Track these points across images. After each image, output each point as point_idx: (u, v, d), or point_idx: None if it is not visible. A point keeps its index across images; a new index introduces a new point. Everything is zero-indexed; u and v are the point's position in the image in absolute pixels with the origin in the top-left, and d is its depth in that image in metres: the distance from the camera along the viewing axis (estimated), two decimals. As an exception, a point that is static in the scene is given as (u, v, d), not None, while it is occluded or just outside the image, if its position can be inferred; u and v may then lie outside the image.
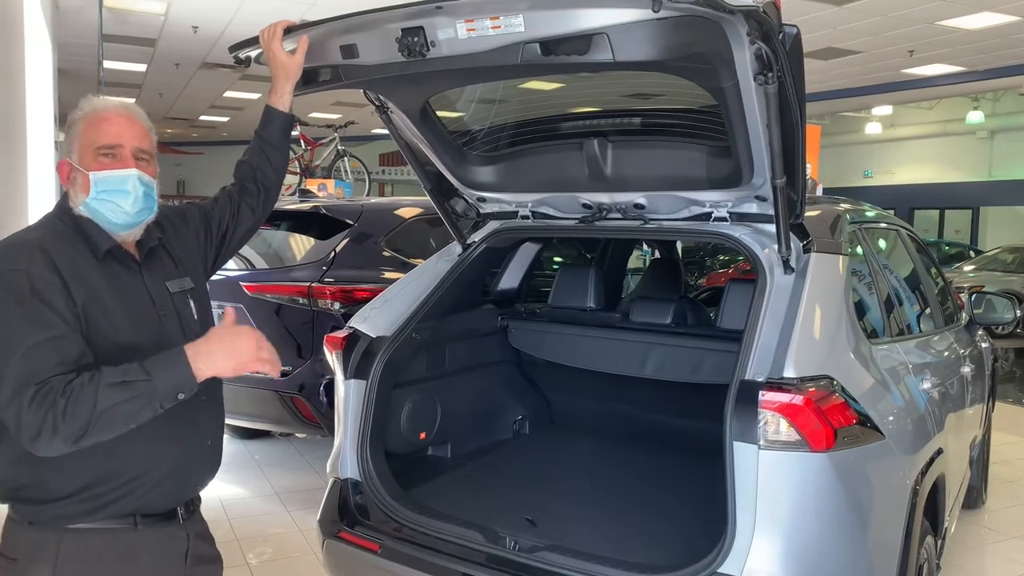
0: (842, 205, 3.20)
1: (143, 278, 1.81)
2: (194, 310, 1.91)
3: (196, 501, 1.89)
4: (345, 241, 4.84)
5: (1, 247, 1.68)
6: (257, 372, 1.67)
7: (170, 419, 1.66)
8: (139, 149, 1.77)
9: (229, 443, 5.51)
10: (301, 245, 5.16)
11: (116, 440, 1.58)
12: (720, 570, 2.14)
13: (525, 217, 3.18)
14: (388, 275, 4.60)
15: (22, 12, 4.84)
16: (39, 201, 5.97)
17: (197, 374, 1.59)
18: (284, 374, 4.51)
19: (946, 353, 3.55)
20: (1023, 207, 20.44)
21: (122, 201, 1.74)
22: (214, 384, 1.87)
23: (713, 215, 2.77)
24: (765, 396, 2.13)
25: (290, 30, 2.19)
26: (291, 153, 8.80)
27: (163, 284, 1.85)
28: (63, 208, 1.78)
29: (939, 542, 3.00)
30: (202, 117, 21.62)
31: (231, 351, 1.62)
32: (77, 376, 1.52)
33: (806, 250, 2.56)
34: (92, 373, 1.53)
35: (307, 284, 4.57)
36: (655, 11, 1.76)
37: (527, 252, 3.89)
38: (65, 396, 1.49)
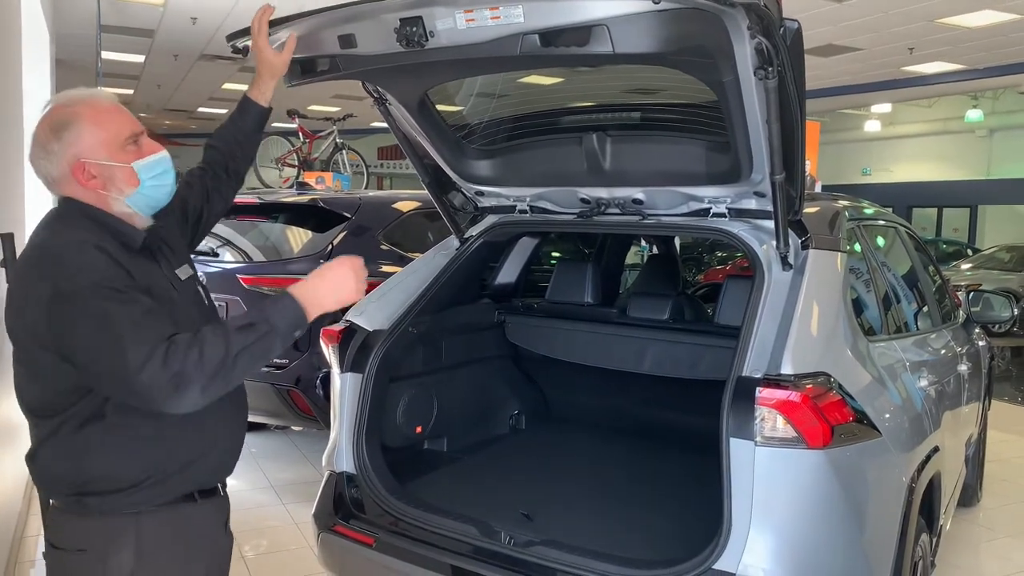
0: (841, 202, 3.19)
1: (161, 268, 1.83)
2: (204, 295, 1.95)
3: None
4: (343, 234, 4.83)
5: (58, 252, 1.63)
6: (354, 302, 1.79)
7: (218, 404, 1.72)
8: (145, 131, 1.80)
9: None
10: (298, 238, 5.14)
11: (177, 424, 1.65)
12: (716, 566, 2.14)
13: (523, 211, 3.17)
14: (385, 269, 4.58)
15: (19, 2, 4.82)
16: (36, 191, 5.95)
17: (308, 313, 1.68)
18: (280, 367, 4.50)
19: (943, 351, 3.55)
20: (1021, 206, 20.46)
21: (168, 180, 1.79)
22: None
23: (712, 211, 2.76)
24: (762, 392, 2.13)
25: (277, 22, 2.18)
26: (289, 145, 8.83)
27: (174, 272, 1.87)
28: (78, 211, 1.71)
29: (934, 540, 3.01)
30: (201, 109, 21.58)
31: (334, 287, 1.74)
32: (197, 330, 1.57)
33: (804, 246, 2.55)
34: (213, 326, 1.60)
35: (304, 277, 4.55)
36: (655, 3, 1.75)
37: (525, 246, 3.88)
38: (196, 346, 1.53)
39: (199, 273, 2.02)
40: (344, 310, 3.19)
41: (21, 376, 1.72)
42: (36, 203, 5.89)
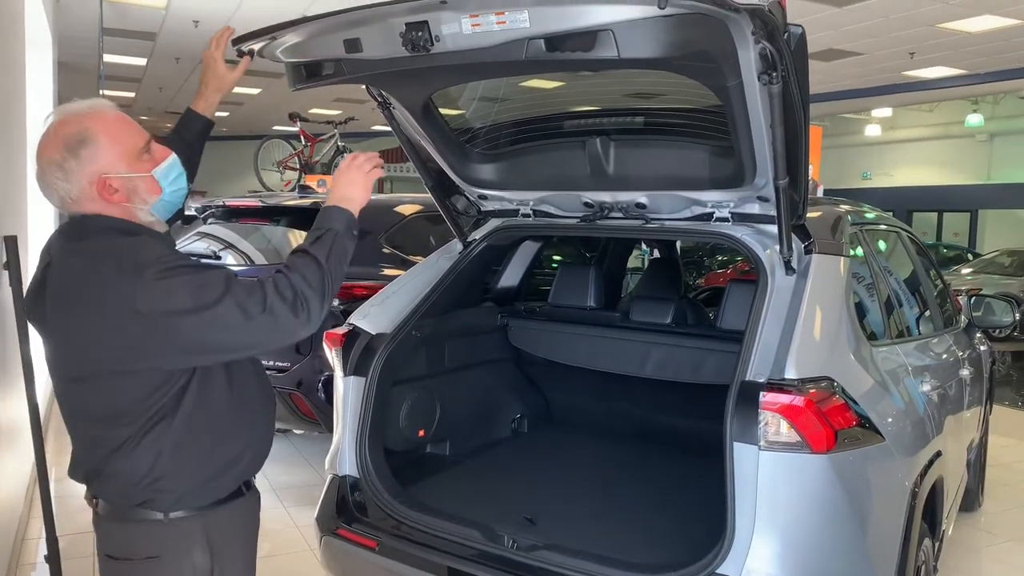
0: (843, 206, 3.19)
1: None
2: None
3: None
4: (345, 237, 4.82)
5: (117, 253, 1.62)
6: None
7: (256, 393, 1.87)
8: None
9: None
10: (300, 241, 5.14)
11: (228, 416, 1.76)
12: (719, 571, 2.14)
13: (526, 215, 3.17)
14: (388, 272, 4.59)
15: (23, 5, 4.83)
16: (38, 194, 5.96)
17: (351, 209, 1.84)
18: (282, 370, 4.50)
19: (945, 356, 3.55)
20: (1022, 210, 20.46)
21: (183, 183, 1.82)
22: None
23: (715, 215, 2.77)
24: (766, 397, 2.13)
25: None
26: (291, 148, 8.83)
27: None
28: (107, 226, 1.68)
29: (937, 544, 3.01)
30: (202, 112, 21.58)
31: (356, 188, 1.88)
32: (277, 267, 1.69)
33: (807, 251, 2.56)
34: (289, 255, 1.73)
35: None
36: (661, 8, 1.76)
37: (528, 250, 3.88)
38: (294, 272, 1.67)
39: None
40: (346, 314, 3.20)
41: (87, 394, 1.70)
42: (39, 206, 5.90)
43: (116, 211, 1.70)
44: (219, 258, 4.98)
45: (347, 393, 2.86)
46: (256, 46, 2.28)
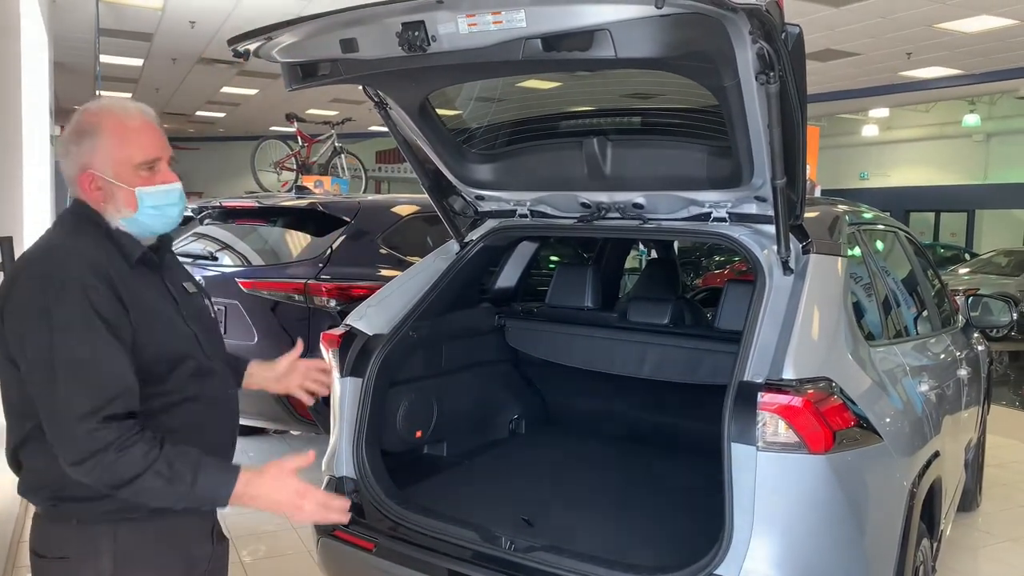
0: (840, 206, 3.19)
1: (164, 281, 1.82)
2: (211, 309, 1.96)
3: None
4: (342, 238, 4.82)
5: (50, 256, 1.65)
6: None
7: (209, 410, 1.79)
8: (170, 157, 1.78)
9: (223, 440, 5.47)
10: (297, 242, 5.13)
11: (162, 433, 1.66)
12: (717, 571, 2.14)
13: (523, 216, 3.16)
14: (385, 273, 4.58)
15: (18, 5, 4.81)
16: (34, 195, 5.95)
17: (234, 500, 1.66)
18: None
19: (943, 356, 3.55)
20: (1018, 210, 20.50)
21: (172, 212, 1.78)
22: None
23: (712, 215, 2.76)
24: (764, 397, 2.13)
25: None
26: (288, 149, 8.83)
27: (180, 285, 1.87)
28: (86, 216, 1.72)
29: (935, 544, 3.00)
30: (199, 113, 21.59)
31: (272, 502, 1.70)
32: (139, 435, 1.58)
33: (805, 251, 2.55)
34: (151, 447, 1.58)
35: (303, 281, 4.54)
36: (658, 7, 1.75)
37: (525, 251, 3.88)
38: (119, 453, 1.55)
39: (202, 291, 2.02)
40: (343, 315, 3.19)
41: (3, 374, 1.71)
42: (35, 202, 5.88)
43: (95, 205, 1.73)
44: (216, 259, 4.97)
45: (344, 394, 2.86)
46: (252, 46, 2.27)
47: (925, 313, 3.73)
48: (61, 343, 1.57)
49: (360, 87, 2.65)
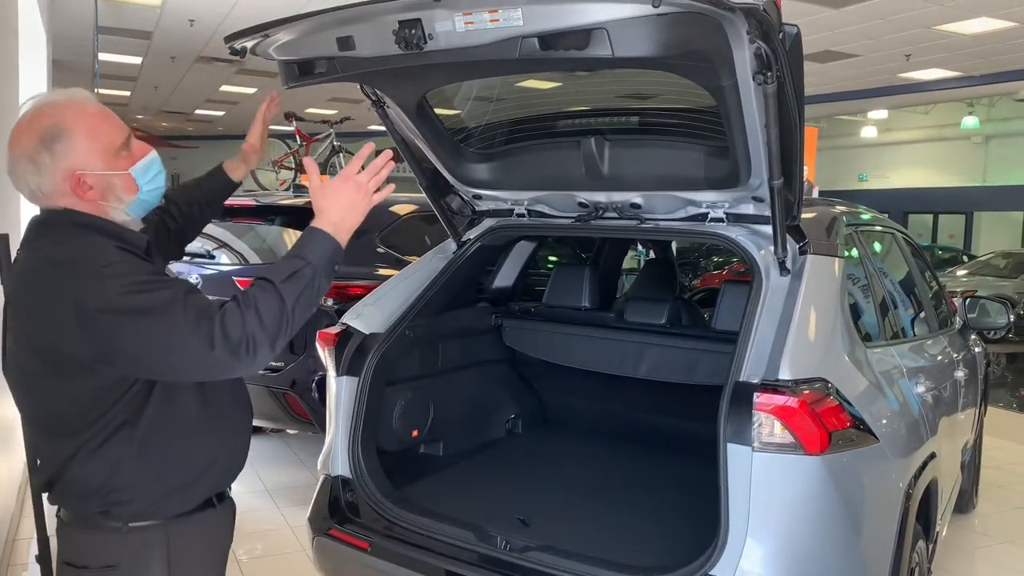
0: (838, 208, 3.19)
1: (160, 268, 1.84)
2: None
3: None
4: (339, 237, 4.81)
5: (71, 260, 1.55)
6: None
7: (230, 405, 1.80)
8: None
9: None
10: (295, 240, 5.12)
11: (196, 428, 1.69)
12: (712, 572, 2.13)
13: (521, 215, 3.16)
14: (382, 272, 4.57)
15: (17, 3, 4.80)
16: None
17: (341, 241, 1.66)
18: (275, 370, 4.49)
19: (940, 357, 3.55)
20: (1017, 212, 20.52)
21: (161, 181, 1.75)
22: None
23: (709, 215, 2.76)
24: (760, 398, 2.12)
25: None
26: (286, 148, 8.81)
27: (164, 273, 1.85)
28: (77, 222, 1.62)
29: (931, 546, 3.00)
30: (198, 111, 21.56)
31: (351, 205, 1.68)
32: (241, 292, 1.55)
33: (802, 252, 2.55)
34: (258, 283, 1.56)
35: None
36: (655, 6, 1.74)
37: (522, 250, 3.87)
38: (251, 307, 1.51)
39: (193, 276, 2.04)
40: (340, 314, 3.18)
41: (33, 396, 1.67)
42: (31, 205, 5.85)
43: (88, 207, 1.63)
44: (213, 257, 4.96)
45: (340, 393, 2.85)
46: (248, 44, 2.27)
47: (922, 314, 3.73)
48: (156, 303, 1.50)
49: (358, 85, 2.64)
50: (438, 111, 2.83)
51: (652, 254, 5.58)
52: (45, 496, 1.76)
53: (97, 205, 1.64)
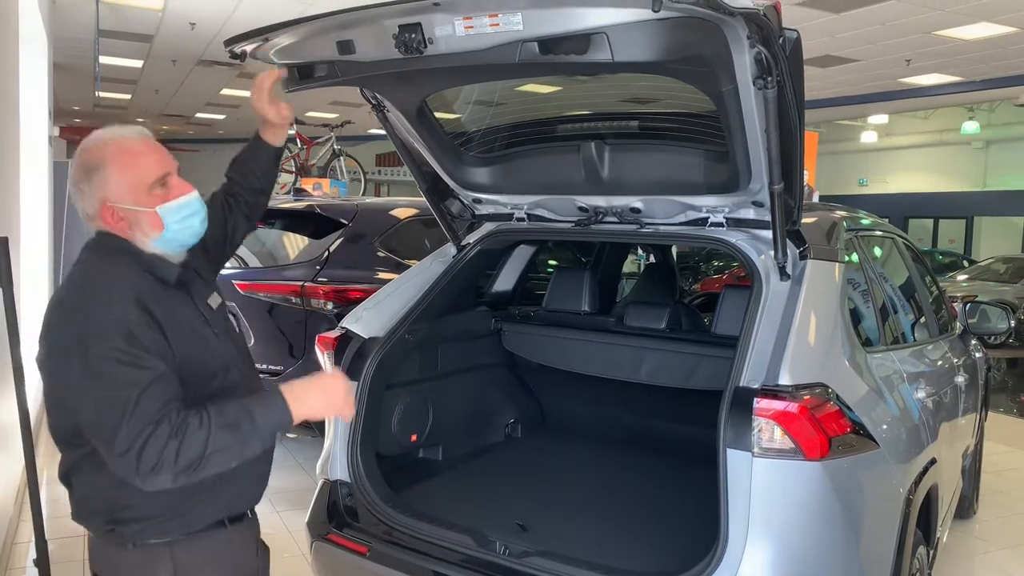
0: (838, 212, 3.19)
1: (194, 300, 1.83)
2: (234, 323, 1.92)
3: None
4: (339, 241, 4.82)
5: (91, 293, 1.65)
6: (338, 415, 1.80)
7: None
8: (177, 167, 1.79)
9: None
10: (295, 244, 5.13)
11: None
12: (712, 578, 2.13)
13: (520, 219, 3.16)
14: (382, 275, 4.58)
15: (17, 6, 4.81)
16: (31, 196, 5.93)
17: (294, 416, 1.66)
18: (275, 374, 4.49)
19: (940, 363, 3.54)
20: (1017, 218, 20.51)
21: (194, 222, 1.78)
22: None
23: (709, 220, 2.76)
24: (760, 403, 2.12)
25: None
26: (287, 152, 8.82)
27: (206, 303, 1.87)
28: (114, 245, 1.73)
29: (931, 552, 2.99)
30: (198, 114, 21.57)
31: (325, 397, 1.73)
32: (185, 415, 1.56)
33: (802, 257, 2.55)
34: (201, 415, 1.57)
35: (300, 283, 4.54)
36: (655, 11, 1.74)
37: (522, 254, 3.87)
38: (178, 437, 1.53)
39: (225, 301, 2.02)
40: (339, 318, 3.18)
41: (49, 404, 1.73)
42: (32, 207, 5.87)
43: (125, 234, 1.74)
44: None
45: (339, 397, 2.84)
46: (248, 47, 2.27)
47: (923, 320, 3.73)
48: (108, 377, 1.56)
49: (358, 90, 2.64)
50: (438, 115, 2.83)
51: (652, 258, 5.58)
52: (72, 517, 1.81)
53: (128, 234, 1.74)
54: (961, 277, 14.15)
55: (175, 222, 1.74)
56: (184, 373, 1.67)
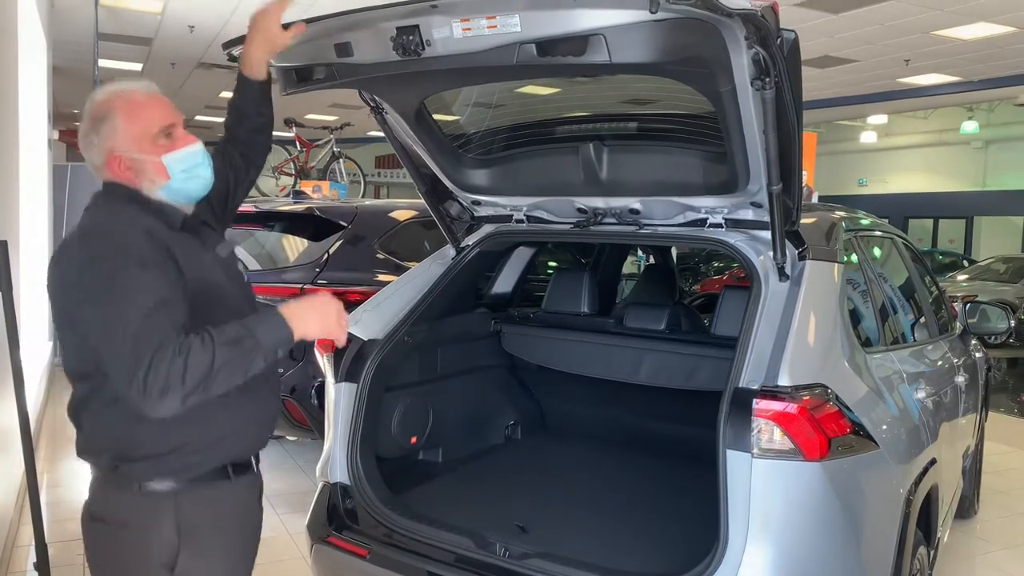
0: (837, 213, 3.19)
1: (206, 247, 1.88)
2: (242, 271, 2.00)
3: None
4: (339, 243, 4.82)
5: (100, 227, 1.72)
6: (332, 337, 1.81)
7: (254, 379, 1.79)
8: (183, 121, 1.84)
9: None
10: (294, 246, 5.13)
11: (210, 400, 1.68)
12: (712, 579, 2.12)
13: (520, 221, 3.16)
14: (382, 278, 4.57)
15: (16, 9, 4.81)
16: (30, 199, 5.94)
17: (294, 333, 1.71)
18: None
19: (940, 363, 3.54)
20: (1017, 217, 20.52)
21: (203, 172, 1.84)
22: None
23: (708, 221, 2.76)
24: (759, 404, 2.12)
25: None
26: (286, 154, 8.82)
27: (214, 250, 1.91)
28: (122, 193, 1.78)
29: (932, 552, 2.99)
30: (198, 117, 21.57)
31: (320, 316, 1.76)
32: (187, 336, 1.59)
33: (801, 257, 2.55)
34: (203, 335, 1.60)
35: (300, 286, 4.54)
36: (652, 12, 1.75)
37: (521, 256, 3.87)
38: (183, 356, 1.56)
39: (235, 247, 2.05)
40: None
41: (61, 336, 1.78)
42: (31, 210, 5.87)
43: (128, 183, 1.79)
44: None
45: (338, 399, 2.85)
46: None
47: (922, 320, 3.72)
48: (114, 301, 1.59)
49: (357, 92, 2.64)
50: (437, 117, 2.83)
51: (652, 259, 5.58)
52: (75, 449, 1.83)
53: (135, 183, 1.79)
54: (961, 277, 14.14)
55: (181, 171, 1.80)
56: (198, 316, 1.69)
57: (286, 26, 2.09)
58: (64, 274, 1.70)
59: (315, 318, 1.75)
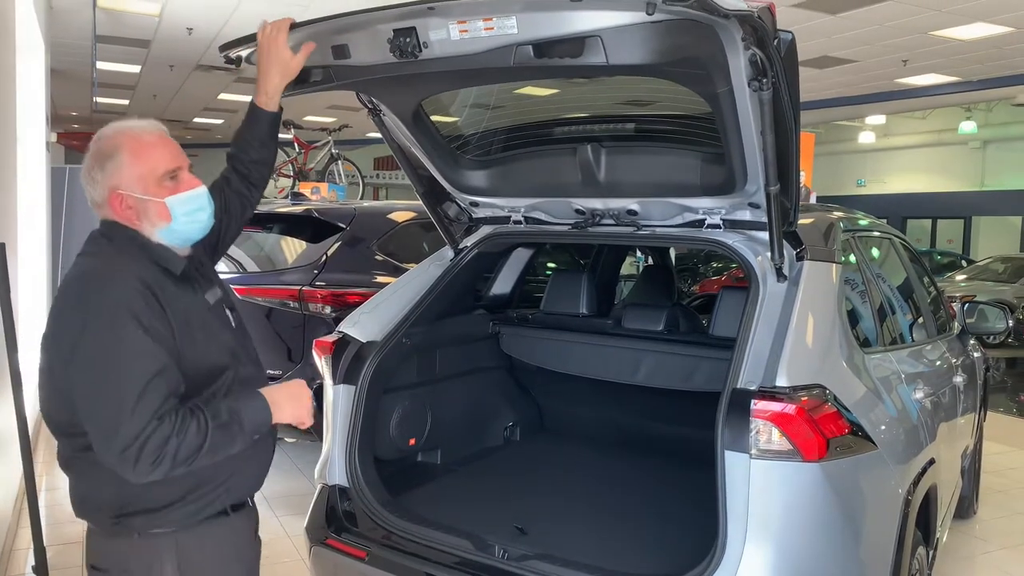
0: (835, 213, 3.19)
1: (197, 295, 1.86)
2: (231, 318, 1.97)
3: None
4: (337, 245, 4.82)
5: (99, 278, 1.69)
6: (299, 423, 1.88)
7: None
8: (189, 164, 1.83)
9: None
10: (293, 248, 5.13)
11: None
12: (711, 580, 2.12)
13: (518, 222, 3.16)
14: (380, 279, 4.57)
15: (14, 11, 4.81)
16: (29, 202, 5.93)
17: (272, 420, 1.77)
18: (273, 378, 4.48)
19: (938, 363, 3.54)
20: (1015, 217, 20.53)
21: (202, 217, 1.84)
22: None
23: (706, 222, 2.76)
24: (757, 405, 2.12)
25: (293, 26, 2.16)
26: (285, 156, 8.82)
27: (204, 296, 1.89)
28: (121, 233, 1.77)
29: (931, 552, 2.99)
30: (196, 119, 21.57)
31: (296, 404, 1.83)
32: (184, 413, 1.62)
33: (799, 258, 2.55)
34: (198, 416, 1.63)
35: (298, 287, 4.54)
36: (649, 14, 1.74)
37: (520, 257, 3.87)
38: (179, 437, 1.59)
39: (227, 293, 2.03)
40: (337, 322, 3.18)
41: (47, 392, 1.75)
42: (29, 214, 5.87)
43: (129, 224, 1.77)
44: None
45: (337, 402, 2.84)
46: (243, 53, 2.27)
47: (920, 320, 3.73)
48: (112, 366, 1.59)
49: (354, 94, 2.64)
50: (434, 118, 2.83)
51: (650, 260, 5.58)
52: (73, 511, 1.83)
53: (135, 223, 1.78)
54: (959, 277, 14.14)
55: (182, 214, 1.79)
56: (191, 364, 1.70)
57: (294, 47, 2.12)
58: (57, 333, 1.68)
59: (291, 406, 1.82)
